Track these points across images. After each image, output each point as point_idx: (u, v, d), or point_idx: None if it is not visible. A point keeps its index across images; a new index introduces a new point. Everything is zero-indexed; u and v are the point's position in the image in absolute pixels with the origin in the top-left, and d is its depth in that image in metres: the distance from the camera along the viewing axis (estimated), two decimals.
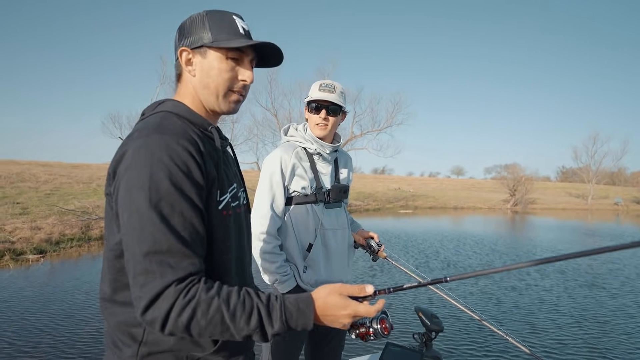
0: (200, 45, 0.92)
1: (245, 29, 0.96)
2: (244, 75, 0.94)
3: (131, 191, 0.78)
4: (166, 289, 0.75)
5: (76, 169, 27.61)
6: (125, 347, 0.87)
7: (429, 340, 1.82)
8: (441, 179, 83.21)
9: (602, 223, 22.12)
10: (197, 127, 0.92)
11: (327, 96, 1.77)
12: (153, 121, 0.87)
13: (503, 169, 45.70)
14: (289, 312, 0.80)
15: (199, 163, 0.83)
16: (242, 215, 1.02)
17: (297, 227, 1.77)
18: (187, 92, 0.96)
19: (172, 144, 0.80)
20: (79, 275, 6.71)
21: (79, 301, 5.28)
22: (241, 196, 1.03)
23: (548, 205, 36.42)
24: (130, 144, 0.82)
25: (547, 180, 78.09)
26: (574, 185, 57.88)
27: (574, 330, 4.65)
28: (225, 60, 0.92)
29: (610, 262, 9.11)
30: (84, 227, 10.21)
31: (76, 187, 18.44)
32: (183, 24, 0.95)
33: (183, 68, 0.95)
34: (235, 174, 1.05)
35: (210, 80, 0.92)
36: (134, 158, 0.79)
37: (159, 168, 0.78)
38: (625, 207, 41.32)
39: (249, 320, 0.77)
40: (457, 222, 19.91)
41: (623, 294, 6.29)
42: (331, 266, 1.83)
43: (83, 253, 8.68)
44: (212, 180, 0.88)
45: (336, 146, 1.88)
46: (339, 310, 0.82)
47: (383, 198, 30.37)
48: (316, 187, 1.80)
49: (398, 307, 5.45)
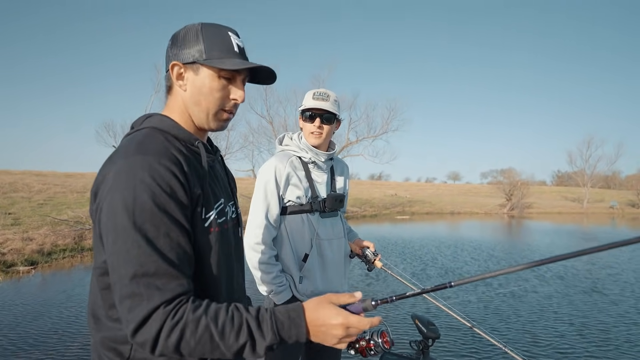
0: (193, 62, 0.90)
1: (240, 46, 0.95)
2: (236, 95, 0.94)
3: (115, 214, 0.77)
4: (154, 312, 0.75)
5: (70, 178, 27.41)
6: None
7: (426, 347, 1.80)
8: (438, 184, 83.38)
9: (598, 226, 22.15)
10: (183, 143, 0.91)
11: (321, 104, 1.76)
12: (136, 140, 0.86)
13: (499, 174, 45.99)
14: (280, 322, 0.79)
15: (182, 183, 0.83)
16: (230, 231, 1.00)
17: (292, 237, 1.75)
18: (177, 106, 0.95)
19: (155, 165, 0.80)
20: (70, 287, 6.58)
21: (69, 315, 5.15)
22: (229, 211, 1.01)
23: (544, 210, 36.50)
24: (112, 166, 0.82)
25: (543, 184, 78.44)
26: (570, 189, 58.15)
27: (575, 339, 4.58)
28: (217, 79, 0.91)
29: (609, 266, 9.08)
30: (77, 237, 10.06)
31: (70, 197, 18.27)
32: (177, 35, 0.93)
33: (174, 82, 0.94)
34: (225, 188, 1.03)
35: (202, 98, 0.92)
36: (116, 180, 0.79)
37: (142, 190, 0.77)
38: (620, 210, 41.50)
39: (238, 336, 0.76)
40: (454, 228, 19.87)
41: (623, 300, 6.23)
42: (327, 276, 1.81)
43: (76, 264, 8.54)
44: (196, 198, 0.87)
45: (331, 154, 1.86)
46: (330, 319, 0.80)
47: (380, 204, 30.33)
48: (311, 197, 1.78)
49: (394, 315, 5.38)
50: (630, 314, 5.52)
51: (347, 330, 0.81)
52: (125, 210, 0.77)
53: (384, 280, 7.17)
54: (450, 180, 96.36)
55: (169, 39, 0.95)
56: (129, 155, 0.81)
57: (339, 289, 1.85)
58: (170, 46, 0.94)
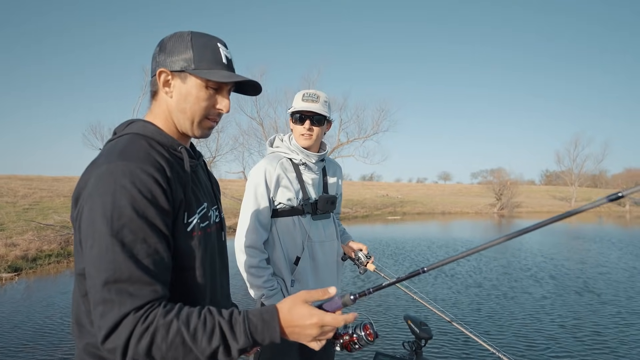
0: (181, 70, 0.91)
1: (228, 57, 0.96)
2: (222, 105, 0.96)
3: (93, 219, 0.77)
4: (125, 318, 0.74)
5: (57, 182, 26.92)
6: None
7: (419, 348, 1.79)
8: (429, 184, 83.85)
9: (586, 224, 22.46)
10: (165, 149, 0.92)
11: (311, 106, 1.74)
12: (119, 146, 0.87)
13: (489, 174, 46.41)
14: (254, 325, 0.78)
15: (164, 188, 0.83)
16: (214, 235, 1.01)
17: (283, 240, 1.73)
18: (161, 112, 0.96)
19: (136, 171, 0.80)
20: (54, 294, 6.42)
21: (52, 323, 5.00)
22: (212, 215, 1.01)
23: (533, 209, 36.93)
24: (94, 171, 0.81)
25: (532, 183, 79.41)
26: (558, 188, 58.99)
27: (569, 342, 4.55)
28: (204, 89, 0.92)
29: (600, 265, 9.18)
30: (63, 242, 9.85)
31: (57, 201, 17.93)
32: (166, 41, 0.93)
33: (160, 88, 0.94)
34: (208, 193, 1.04)
35: (188, 106, 0.93)
36: (97, 185, 0.79)
37: (122, 195, 0.77)
38: (607, 208, 42.20)
39: (210, 339, 0.75)
40: (446, 228, 19.97)
41: (616, 301, 6.18)
42: (319, 279, 1.78)
43: (62, 269, 8.34)
44: (179, 203, 0.87)
45: (322, 155, 1.84)
46: (304, 319, 0.79)
47: (371, 205, 30.37)
48: (303, 198, 1.76)
49: (387, 316, 5.36)
50: (622, 314, 5.53)
51: (321, 329, 0.80)
52: (104, 215, 0.76)
53: (375, 282, 7.13)
54: (441, 181, 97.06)
55: (157, 45, 0.95)
56: (111, 161, 0.81)
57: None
58: (158, 52, 0.94)
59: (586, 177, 52.03)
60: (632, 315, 5.38)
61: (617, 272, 8.33)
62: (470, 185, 73.29)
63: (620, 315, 5.38)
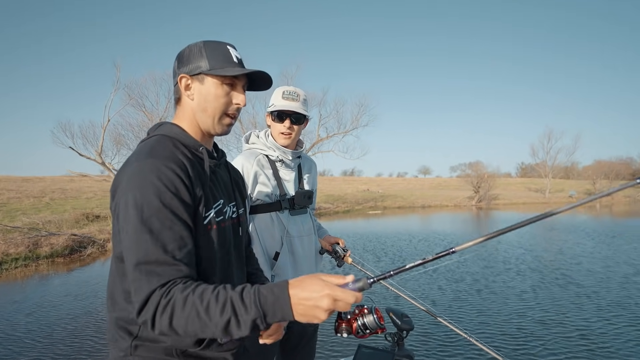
0: (199, 73, 1.02)
1: (238, 57, 1.07)
2: (238, 99, 1.05)
3: (127, 211, 0.88)
4: (152, 294, 0.84)
5: (27, 183, 25.86)
6: (122, 340, 0.98)
7: (401, 339, 1.82)
8: (409, 178, 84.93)
9: (559, 215, 23.13)
10: (188, 149, 1.02)
11: (291, 105, 1.75)
12: (148, 146, 0.98)
13: (467, 167, 47.25)
14: (263, 296, 0.81)
15: (186, 184, 0.93)
16: (229, 229, 1.08)
17: (262, 236, 1.75)
18: (185, 115, 1.06)
19: (162, 168, 0.91)
20: (20, 299, 6.11)
21: (18, 329, 4.75)
22: (228, 211, 1.09)
23: (510, 201, 37.88)
24: (127, 169, 0.93)
25: (509, 176, 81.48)
26: (533, 181, 60.74)
27: (548, 334, 4.62)
28: (221, 86, 1.02)
29: (578, 255, 9.42)
30: (31, 245, 9.42)
31: (26, 202, 17.20)
32: (182, 53, 1.05)
33: (182, 93, 1.05)
34: (226, 190, 1.12)
35: (208, 105, 1.03)
36: (130, 181, 0.90)
37: (150, 189, 0.88)
38: (578, 199, 43.62)
39: (222, 311, 0.80)
40: (426, 221, 20.21)
41: (595, 291, 6.24)
42: (300, 273, 1.80)
43: (30, 274, 7.97)
44: (198, 198, 0.97)
45: (298, 152, 1.86)
46: (317, 290, 0.80)
47: (352, 200, 30.46)
48: (280, 195, 1.78)
49: None
50: (606, 308, 5.65)
51: (334, 302, 0.80)
52: (135, 207, 0.87)
53: None
54: (421, 175, 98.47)
55: (175, 59, 1.06)
56: (141, 159, 0.93)
57: None
58: (177, 64, 1.05)
59: (559, 169, 53.65)
60: (612, 305, 5.48)
61: (594, 262, 8.46)
62: (450, 178, 74.55)
63: (600, 307, 5.48)
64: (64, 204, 17.41)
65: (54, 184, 25.77)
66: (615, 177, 48.34)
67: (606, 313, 5.08)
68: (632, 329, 4.48)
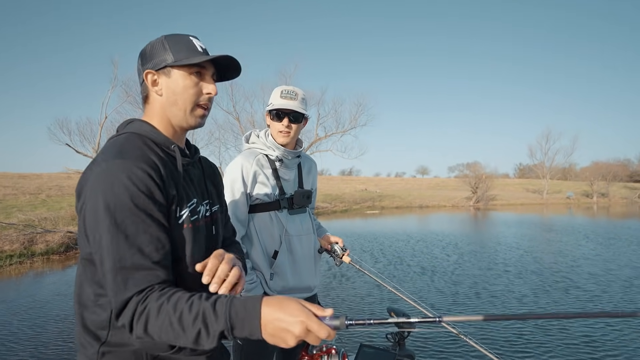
0: (164, 66, 0.99)
1: (202, 47, 1.03)
2: (208, 89, 1.02)
3: (97, 213, 0.85)
4: (130, 300, 0.83)
5: (23, 179, 25.70)
6: (89, 346, 0.95)
7: (402, 339, 1.82)
8: (407, 178, 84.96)
9: (557, 216, 23.23)
10: (159, 147, 0.99)
11: (289, 104, 1.76)
12: (117, 144, 0.94)
13: (465, 168, 47.30)
14: (234, 309, 0.80)
15: (158, 184, 0.90)
16: (202, 228, 1.06)
17: (261, 235, 1.77)
18: (155, 112, 1.02)
19: (133, 168, 0.87)
20: (13, 297, 6.04)
21: (9, 327, 4.69)
22: (201, 210, 1.06)
23: (508, 201, 37.95)
24: (94, 168, 0.88)
25: (506, 177, 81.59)
26: (531, 181, 60.83)
27: (557, 343, 4.59)
28: (189, 77, 0.99)
29: (580, 258, 9.37)
30: (26, 242, 9.35)
31: (22, 199, 17.10)
32: (144, 50, 1.02)
33: (149, 89, 1.02)
34: (200, 188, 1.09)
35: (178, 97, 0.99)
36: (98, 181, 0.86)
37: (121, 191, 0.85)
38: (576, 200, 43.84)
39: (194, 322, 0.79)
40: (423, 221, 20.21)
41: (604, 299, 6.11)
42: (298, 272, 1.82)
43: (24, 271, 7.91)
44: (172, 198, 0.94)
45: (298, 152, 1.87)
46: (293, 313, 0.77)
47: (350, 199, 30.44)
48: (279, 194, 1.79)
49: (370, 309, 5.35)
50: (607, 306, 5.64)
51: (306, 332, 0.77)
52: (107, 210, 0.84)
53: (356, 273, 7.06)
54: (419, 175, 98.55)
55: (138, 57, 1.03)
56: (109, 159, 0.88)
57: (310, 285, 1.86)
58: (141, 61, 1.02)
59: (557, 170, 53.84)
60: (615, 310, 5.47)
61: (595, 265, 8.36)
62: (448, 179, 74.64)
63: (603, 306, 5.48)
64: (61, 201, 17.31)
65: (50, 180, 25.62)
66: (613, 178, 48.45)
67: (610, 318, 4.94)
68: (636, 335, 4.37)
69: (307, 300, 1.93)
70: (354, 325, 0.79)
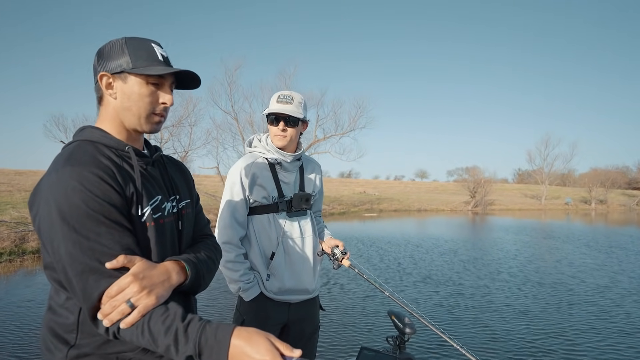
0: (121, 71, 0.97)
1: (164, 55, 1.03)
2: (165, 99, 1.01)
3: (53, 222, 0.84)
4: (100, 304, 0.84)
5: (20, 176, 25.57)
6: (56, 350, 0.94)
7: (402, 343, 1.82)
8: (406, 182, 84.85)
9: (555, 222, 23.16)
10: (112, 150, 0.98)
11: (285, 108, 1.80)
12: (66, 153, 0.93)
13: (464, 172, 47.22)
14: (204, 336, 0.81)
15: (112, 186, 0.90)
16: (168, 225, 1.05)
17: (259, 237, 1.81)
18: (108, 115, 1.02)
19: (83, 173, 0.87)
20: (1, 295, 5.92)
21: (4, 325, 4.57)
22: (167, 206, 1.05)
23: (506, 206, 37.90)
24: (46, 178, 0.88)
25: (505, 182, 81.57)
26: (529, 187, 60.86)
27: (555, 354, 4.49)
28: (145, 85, 0.98)
29: (586, 268, 9.26)
30: (17, 239, 9.24)
31: (17, 196, 16.95)
32: (102, 49, 1.00)
33: (104, 91, 1.00)
34: (162, 186, 1.08)
35: (132, 104, 0.98)
36: (50, 191, 0.85)
37: (74, 196, 0.84)
38: (574, 206, 43.84)
39: (166, 334, 0.82)
40: (421, 225, 20.11)
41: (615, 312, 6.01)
42: (296, 274, 1.84)
43: (14, 269, 7.78)
44: (130, 199, 0.94)
45: (297, 155, 1.90)
46: (261, 352, 0.79)
47: (348, 202, 30.36)
48: (278, 197, 1.82)
49: (371, 311, 5.29)
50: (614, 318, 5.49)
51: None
52: (62, 218, 0.83)
53: (354, 278, 6.95)
54: (418, 178, 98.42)
55: (95, 54, 1.01)
56: (59, 168, 0.88)
57: (308, 286, 1.87)
58: (97, 60, 1.00)
59: (555, 176, 53.80)
60: (627, 324, 5.29)
61: (602, 276, 8.10)
62: (446, 183, 74.60)
63: (614, 326, 5.28)
64: None
65: None
66: (612, 185, 48.48)
67: (621, 335, 4.68)
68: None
69: (307, 303, 1.89)
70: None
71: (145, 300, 0.84)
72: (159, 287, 0.89)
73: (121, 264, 0.86)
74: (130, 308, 0.83)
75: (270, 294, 1.78)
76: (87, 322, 0.88)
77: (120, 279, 0.85)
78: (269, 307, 1.79)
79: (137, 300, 0.84)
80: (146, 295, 0.85)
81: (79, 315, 0.91)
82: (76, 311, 0.91)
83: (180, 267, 0.97)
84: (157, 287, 0.88)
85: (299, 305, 1.86)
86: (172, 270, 0.94)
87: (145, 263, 0.89)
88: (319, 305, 1.99)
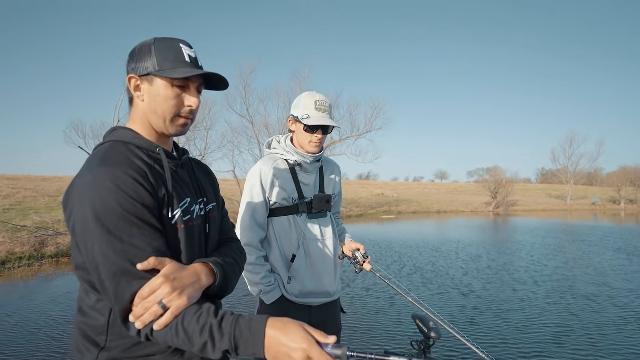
0: (147, 73, 0.98)
1: (192, 56, 1.01)
2: (190, 102, 1.01)
3: (87, 223, 0.85)
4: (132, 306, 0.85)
5: (45, 182, 26.35)
6: (87, 352, 0.95)
7: (427, 347, 1.77)
8: (425, 183, 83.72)
9: (582, 222, 22.23)
10: (144, 151, 0.99)
11: (325, 119, 1.77)
12: (100, 153, 0.94)
13: (485, 172, 46.15)
14: (239, 329, 0.82)
15: (145, 187, 0.90)
16: (196, 228, 1.05)
17: (280, 238, 1.80)
18: (138, 116, 1.03)
19: (117, 174, 0.87)
20: (15, 300, 5.95)
21: (14, 329, 4.55)
22: (195, 209, 1.06)
23: (529, 207, 36.78)
24: (79, 179, 0.89)
25: (528, 182, 79.52)
26: (553, 187, 58.99)
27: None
28: (171, 88, 0.98)
29: (598, 275, 8.81)
30: (37, 244, 9.38)
31: (40, 201, 17.41)
32: (133, 50, 1.01)
33: (132, 93, 1.02)
34: (191, 188, 1.08)
35: (158, 106, 0.99)
36: (83, 191, 0.86)
37: (108, 197, 0.85)
38: (602, 206, 42.20)
39: (201, 333, 0.82)
40: (440, 227, 19.62)
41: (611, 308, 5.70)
42: (317, 276, 1.82)
43: (32, 273, 7.88)
44: (161, 200, 0.95)
45: (317, 156, 1.86)
46: (296, 340, 0.80)
47: (366, 203, 30.04)
48: (297, 198, 1.81)
49: (394, 315, 5.15)
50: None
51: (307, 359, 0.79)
52: (97, 218, 0.84)
53: (373, 280, 6.72)
54: (437, 179, 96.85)
55: (128, 55, 1.02)
56: (92, 169, 0.88)
57: (329, 289, 1.85)
58: (128, 61, 1.01)
59: (581, 175, 52.04)
60: None
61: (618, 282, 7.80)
62: (467, 183, 73.11)
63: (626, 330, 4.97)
64: None
65: None
66: None
67: None
68: None
69: (328, 306, 1.89)
70: (354, 357, 0.81)
71: (177, 301, 0.84)
72: (189, 288, 0.89)
73: (152, 266, 0.85)
74: (162, 309, 0.83)
75: (291, 296, 1.77)
76: (117, 324, 0.89)
77: (152, 280, 0.85)
78: (290, 309, 1.76)
79: (169, 301, 0.84)
80: (178, 296, 0.85)
81: (109, 316, 0.91)
82: (106, 313, 0.92)
83: (209, 269, 0.97)
84: (188, 288, 0.88)
85: (320, 308, 1.84)
86: (201, 272, 0.94)
87: (176, 265, 0.89)
88: (340, 308, 1.96)
